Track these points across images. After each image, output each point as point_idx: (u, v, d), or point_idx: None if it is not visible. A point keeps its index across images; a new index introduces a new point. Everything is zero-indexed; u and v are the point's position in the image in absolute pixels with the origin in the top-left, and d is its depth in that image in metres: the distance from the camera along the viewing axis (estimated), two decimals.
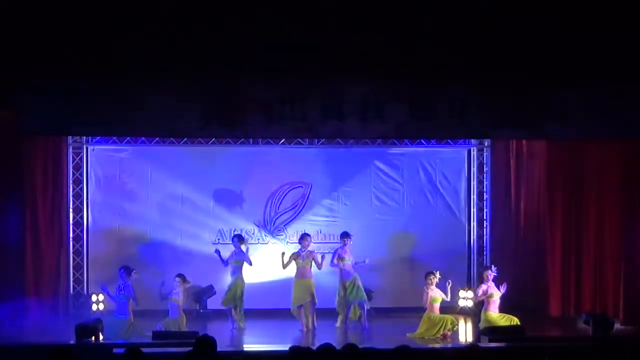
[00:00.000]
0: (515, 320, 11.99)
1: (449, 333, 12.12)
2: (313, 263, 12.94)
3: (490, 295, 12.14)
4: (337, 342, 7.27)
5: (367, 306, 13.17)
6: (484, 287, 12.22)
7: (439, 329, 12.06)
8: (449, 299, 12.43)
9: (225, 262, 13.08)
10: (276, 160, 14.74)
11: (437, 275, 12.33)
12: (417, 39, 10.44)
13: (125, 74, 10.58)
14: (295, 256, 13.02)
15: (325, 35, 10.23)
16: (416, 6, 10.32)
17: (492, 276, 12.26)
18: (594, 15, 10.41)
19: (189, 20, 10.17)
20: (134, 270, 12.29)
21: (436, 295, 12.25)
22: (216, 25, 10.19)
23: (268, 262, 14.24)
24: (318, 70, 10.59)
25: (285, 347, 6.72)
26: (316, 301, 12.84)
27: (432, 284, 12.24)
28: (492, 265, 12.57)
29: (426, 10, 10.31)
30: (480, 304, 12.21)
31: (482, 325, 12.04)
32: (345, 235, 13.24)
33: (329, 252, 13.64)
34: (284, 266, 13.01)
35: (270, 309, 13.49)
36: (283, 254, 13.05)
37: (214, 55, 10.36)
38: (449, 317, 12.20)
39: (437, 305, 12.24)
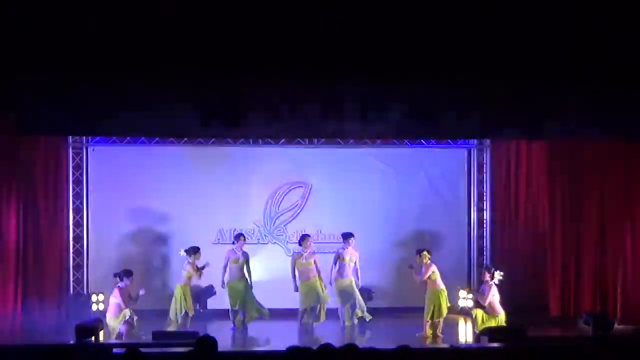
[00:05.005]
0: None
1: (439, 322, 12.28)
2: (315, 263, 13.02)
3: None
4: (337, 342, 7.25)
5: (358, 307, 13.20)
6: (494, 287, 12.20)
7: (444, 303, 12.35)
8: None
9: (223, 284, 13.15)
10: (276, 160, 14.74)
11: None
12: (417, 39, 10.43)
13: (125, 73, 10.58)
14: (297, 257, 13.06)
15: (325, 35, 10.22)
16: (416, 6, 10.31)
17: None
18: (593, 14, 10.41)
19: (189, 20, 10.16)
20: (124, 276, 12.37)
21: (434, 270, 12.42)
22: (216, 25, 10.18)
23: (268, 262, 14.26)
24: (318, 70, 10.58)
25: (285, 347, 6.71)
26: (326, 301, 12.95)
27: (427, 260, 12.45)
28: (492, 268, 12.59)
29: (425, 10, 10.30)
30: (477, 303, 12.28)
31: (478, 325, 12.04)
32: (347, 235, 13.24)
33: (329, 252, 13.69)
34: (293, 275, 13.03)
35: (271, 308, 13.47)
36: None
37: (214, 55, 10.36)
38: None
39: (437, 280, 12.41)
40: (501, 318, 11.94)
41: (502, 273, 12.09)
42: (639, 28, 10.39)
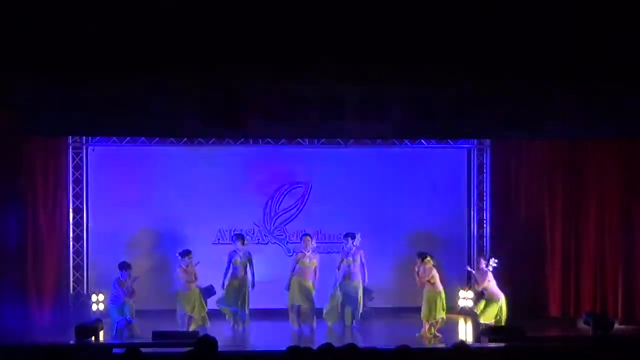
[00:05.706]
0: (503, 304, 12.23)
1: (437, 323, 12.39)
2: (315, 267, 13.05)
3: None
4: (337, 342, 7.25)
5: (360, 309, 13.24)
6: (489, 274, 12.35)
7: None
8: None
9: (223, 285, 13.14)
10: (276, 160, 14.75)
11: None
12: (417, 39, 10.42)
13: (125, 73, 10.57)
14: (301, 256, 13.08)
15: (325, 35, 10.22)
16: (416, 6, 10.31)
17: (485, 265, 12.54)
18: (593, 14, 10.41)
19: (189, 20, 10.16)
20: (124, 268, 12.50)
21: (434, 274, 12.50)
22: (216, 25, 10.18)
23: (268, 263, 14.25)
24: (318, 70, 10.58)
25: (285, 347, 6.71)
26: (314, 305, 12.96)
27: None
28: (487, 255, 12.81)
29: (425, 10, 10.30)
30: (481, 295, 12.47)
31: (479, 311, 12.22)
32: (348, 235, 13.24)
33: (329, 253, 13.69)
34: (291, 271, 13.05)
35: (270, 308, 13.48)
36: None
37: (215, 55, 10.35)
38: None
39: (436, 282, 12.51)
40: (502, 302, 12.10)
41: (496, 260, 12.33)
42: (639, 28, 10.39)
